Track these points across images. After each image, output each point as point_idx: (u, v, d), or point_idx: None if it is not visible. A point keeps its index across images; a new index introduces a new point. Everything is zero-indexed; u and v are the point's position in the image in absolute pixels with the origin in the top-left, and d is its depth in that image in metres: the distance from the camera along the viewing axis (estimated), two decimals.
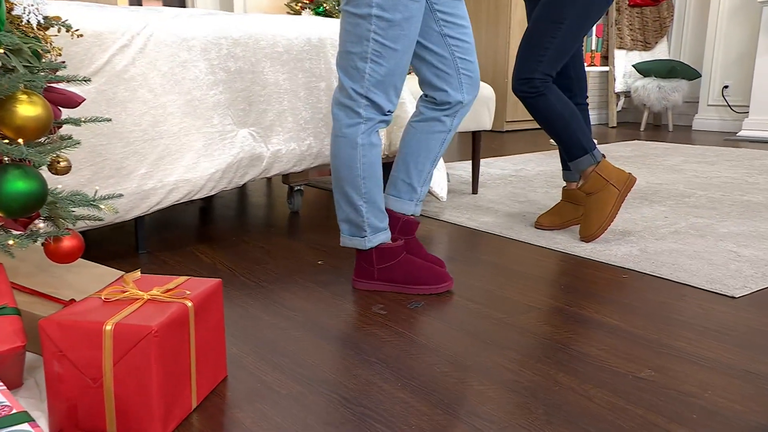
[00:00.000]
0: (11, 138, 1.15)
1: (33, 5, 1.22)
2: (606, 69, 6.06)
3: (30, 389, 1.20)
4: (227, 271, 1.93)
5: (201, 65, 2.05)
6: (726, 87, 5.76)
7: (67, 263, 1.37)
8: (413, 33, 1.62)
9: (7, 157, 1.17)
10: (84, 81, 1.26)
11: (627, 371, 1.32)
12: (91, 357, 1.04)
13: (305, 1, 4.66)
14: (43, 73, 1.28)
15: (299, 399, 1.21)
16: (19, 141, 1.14)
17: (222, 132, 2.10)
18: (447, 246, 2.21)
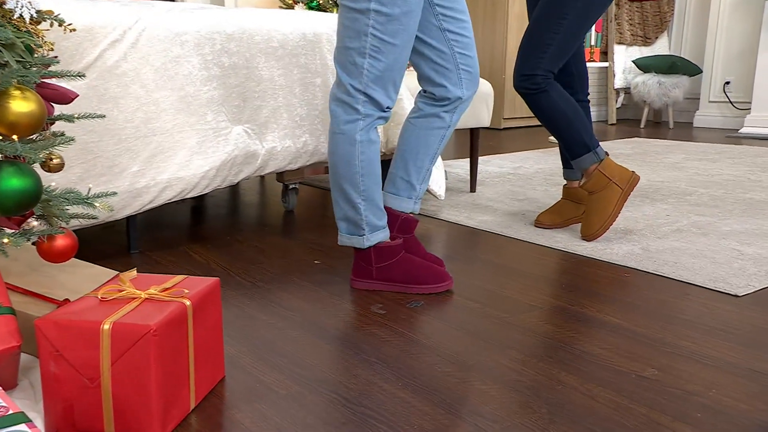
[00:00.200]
0: (4, 134, 1.16)
1: None
2: (605, 65, 6.09)
3: (24, 390, 1.21)
4: (222, 271, 1.95)
5: (194, 60, 2.06)
6: (728, 83, 5.80)
7: (61, 263, 1.38)
8: (412, 27, 1.63)
9: (1, 154, 1.18)
10: (79, 76, 1.27)
11: (630, 370, 1.34)
12: (89, 357, 1.06)
13: None
14: (36, 69, 1.29)
15: (299, 399, 1.22)
16: (14, 137, 1.15)
17: (216, 129, 2.11)
18: (445, 245, 2.23)
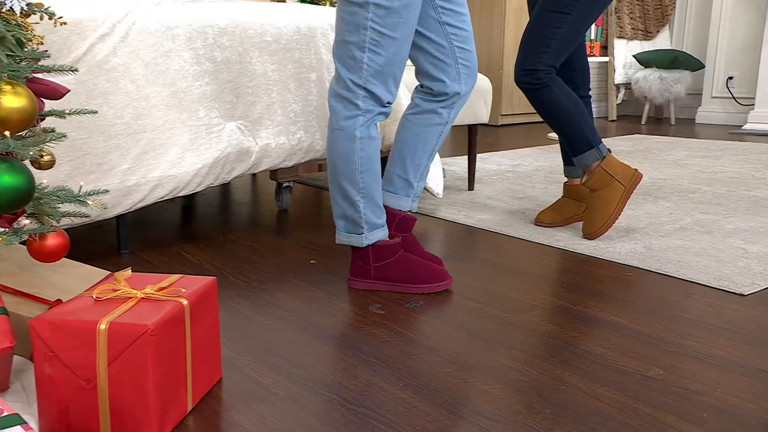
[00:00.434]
0: None
1: None
2: (605, 59, 6.13)
3: (17, 393, 1.22)
4: (215, 271, 1.96)
5: (186, 55, 2.07)
6: (731, 78, 5.84)
7: (52, 262, 1.39)
8: (412, 20, 1.65)
9: None
10: (71, 71, 1.28)
11: (635, 370, 1.36)
12: (85, 357, 1.07)
13: None
14: (26, 63, 1.30)
15: (298, 400, 1.24)
16: (6, 134, 1.16)
17: (208, 125, 2.12)
18: (443, 244, 2.25)
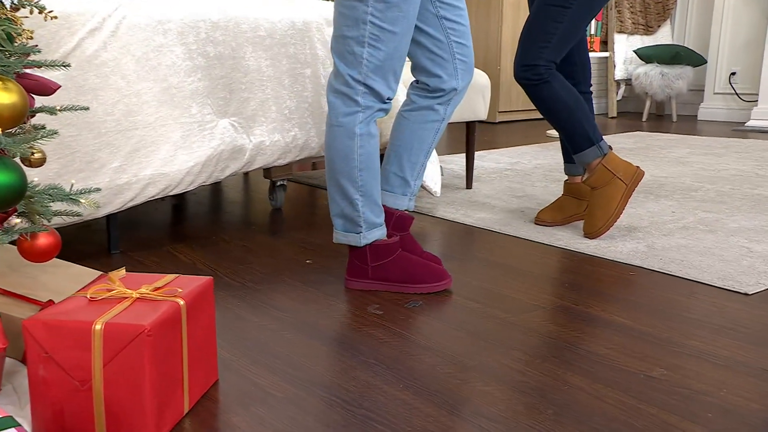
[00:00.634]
0: None
1: None
2: (605, 55, 6.16)
3: (8, 395, 1.23)
4: (209, 271, 1.97)
5: (178, 50, 2.08)
6: (733, 74, 5.88)
7: (43, 262, 1.40)
8: (412, 14, 1.66)
9: None
10: (63, 66, 1.29)
11: (638, 370, 1.38)
12: (80, 358, 1.08)
13: None
14: (16, 58, 1.31)
15: (296, 402, 1.25)
16: None
17: (201, 122, 2.13)
18: (441, 243, 2.27)
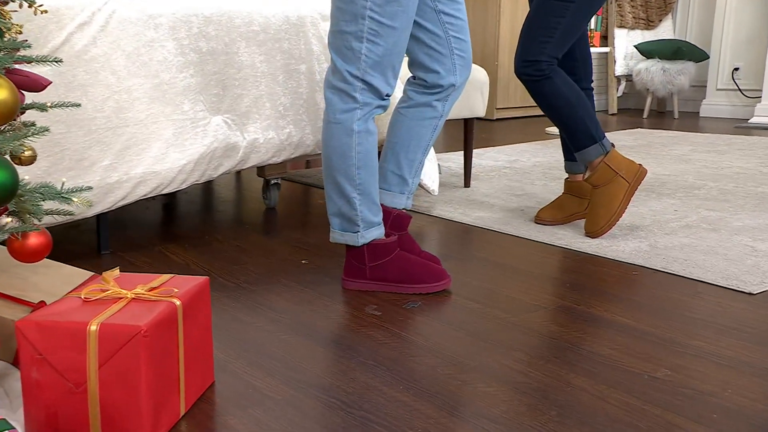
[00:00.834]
0: None
1: None
2: (606, 50, 6.18)
3: (0, 399, 1.24)
4: (202, 272, 1.98)
5: (169, 45, 2.09)
6: (736, 69, 5.91)
7: (33, 262, 1.40)
8: (411, 9, 1.68)
9: None
10: (55, 62, 1.30)
11: (642, 371, 1.40)
12: (74, 360, 1.09)
13: None
14: (6, 53, 1.31)
15: (294, 404, 1.26)
16: None
17: (193, 119, 2.14)
18: (440, 243, 2.28)
